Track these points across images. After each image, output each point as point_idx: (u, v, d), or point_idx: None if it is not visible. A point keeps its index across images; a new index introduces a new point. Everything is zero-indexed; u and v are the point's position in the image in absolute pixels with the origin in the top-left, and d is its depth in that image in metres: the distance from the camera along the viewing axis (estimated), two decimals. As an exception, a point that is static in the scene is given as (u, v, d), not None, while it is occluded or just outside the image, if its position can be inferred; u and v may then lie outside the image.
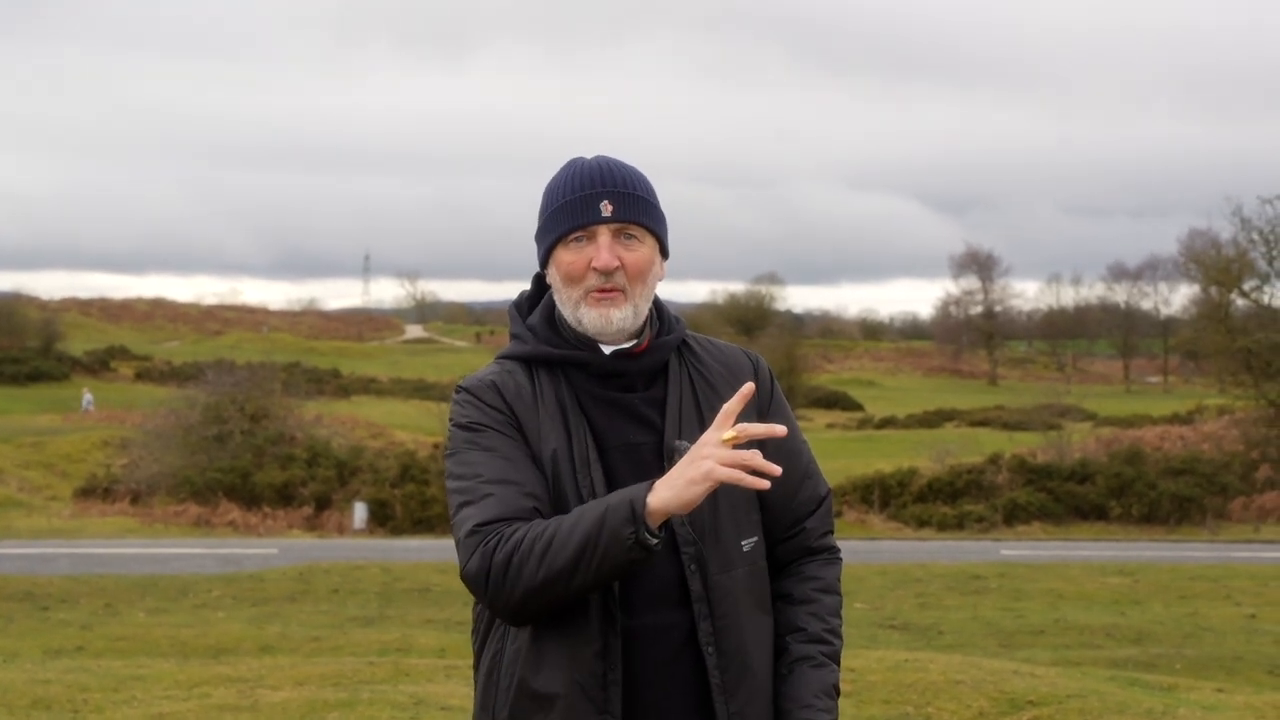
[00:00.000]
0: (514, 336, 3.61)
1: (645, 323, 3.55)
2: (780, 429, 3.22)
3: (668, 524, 3.38)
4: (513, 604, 3.31)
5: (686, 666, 3.43)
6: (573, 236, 3.48)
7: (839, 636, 3.65)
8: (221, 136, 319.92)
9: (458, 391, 3.57)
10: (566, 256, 3.49)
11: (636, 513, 3.17)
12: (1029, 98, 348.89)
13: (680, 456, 3.37)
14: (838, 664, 3.62)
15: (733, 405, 3.21)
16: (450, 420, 3.55)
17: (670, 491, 3.17)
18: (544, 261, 3.58)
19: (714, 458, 3.14)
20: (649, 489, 3.19)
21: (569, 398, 3.49)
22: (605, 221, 3.47)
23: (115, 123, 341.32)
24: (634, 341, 3.52)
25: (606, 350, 3.50)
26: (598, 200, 3.47)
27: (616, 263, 3.45)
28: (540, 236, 3.57)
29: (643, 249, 3.50)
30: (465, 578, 3.37)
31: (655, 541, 3.18)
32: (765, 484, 3.14)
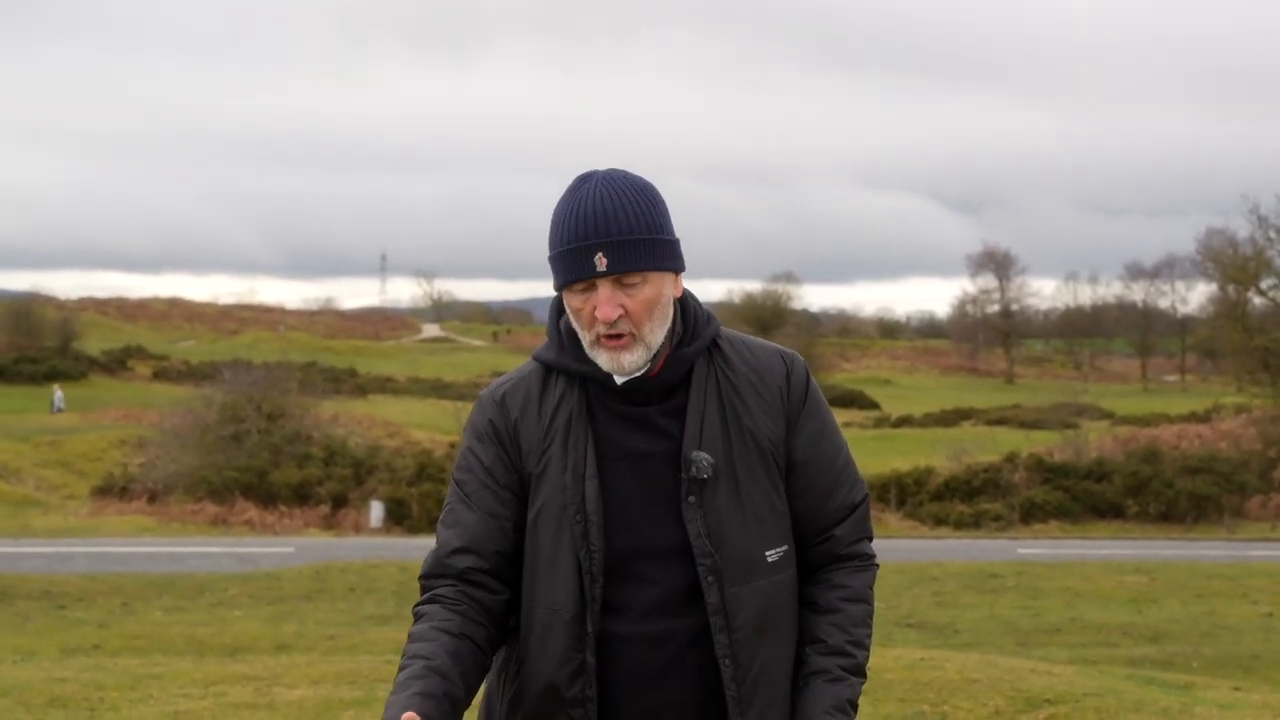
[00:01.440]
0: (549, 335, 3.60)
1: (663, 343, 3.47)
2: None
3: (683, 533, 3.40)
4: None
5: (687, 673, 3.41)
6: (575, 286, 3.41)
7: (863, 648, 3.58)
8: (233, 136, 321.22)
9: (476, 401, 3.61)
10: (573, 302, 3.43)
11: None
12: (1041, 96, 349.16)
13: (697, 468, 3.39)
14: (860, 675, 3.56)
15: None
16: (465, 426, 3.60)
17: None
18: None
19: None
20: None
21: (579, 408, 3.47)
22: (600, 276, 3.37)
23: (128, 123, 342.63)
24: (645, 369, 3.45)
25: (620, 381, 3.45)
26: (592, 254, 3.36)
27: (618, 313, 3.37)
28: (551, 269, 3.49)
29: (646, 289, 3.40)
30: None
31: None
32: None
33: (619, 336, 3.39)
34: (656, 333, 3.43)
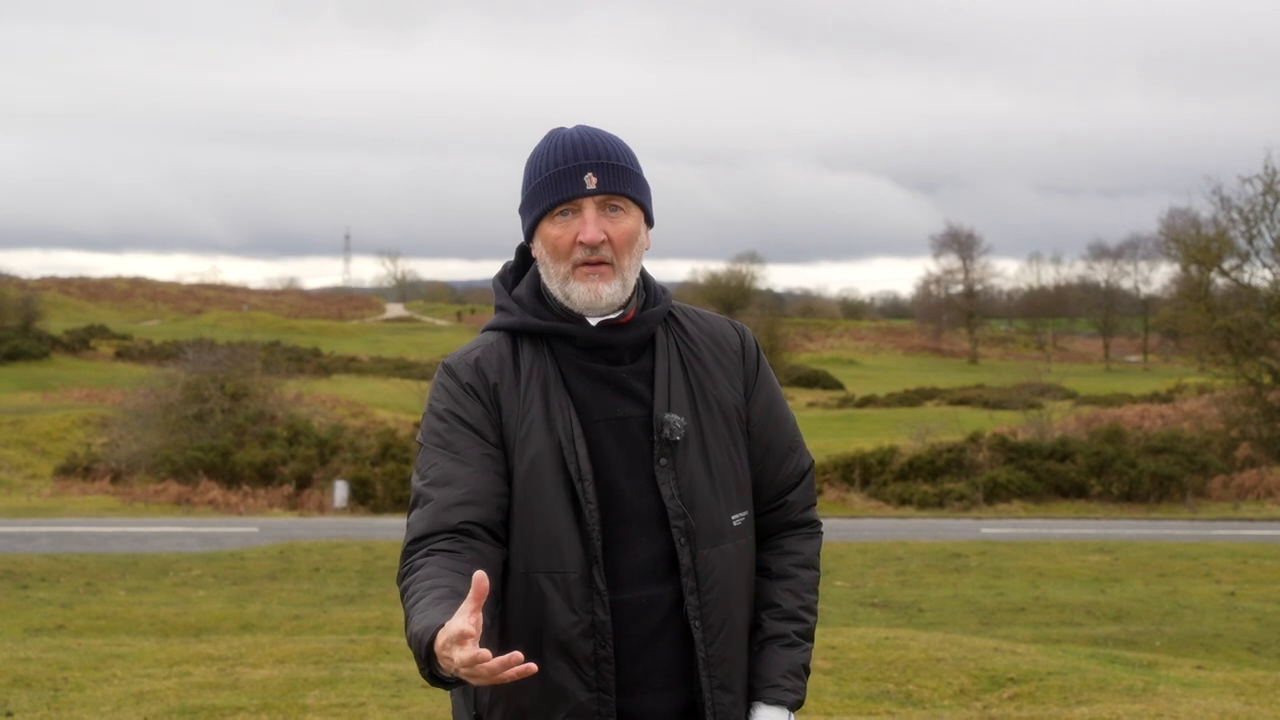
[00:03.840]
0: (500, 309, 3.60)
1: (632, 293, 3.53)
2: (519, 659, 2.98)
3: (658, 497, 3.42)
4: None
5: (670, 638, 3.45)
6: (558, 210, 3.45)
7: (814, 613, 3.65)
8: (187, 114, 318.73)
9: (441, 368, 3.57)
10: (552, 231, 3.46)
11: (420, 655, 3.11)
12: (994, 75, 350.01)
13: (670, 430, 3.42)
14: (811, 640, 3.63)
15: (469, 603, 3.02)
16: (429, 399, 3.55)
17: (446, 664, 3.03)
18: (529, 235, 3.54)
19: (463, 669, 2.98)
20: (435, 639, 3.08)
21: (552, 371, 3.48)
22: (590, 194, 3.43)
23: (82, 101, 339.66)
24: (620, 312, 3.50)
25: (593, 322, 3.49)
26: (582, 173, 3.43)
27: (603, 236, 3.43)
28: (524, 210, 3.53)
29: (628, 220, 3.48)
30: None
31: (450, 676, 3.07)
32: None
33: (599, 264, 3.44)
34: (632, 270, 3.50)
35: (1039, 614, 20.08)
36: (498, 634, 3.42)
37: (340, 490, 40.73)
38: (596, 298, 3.44)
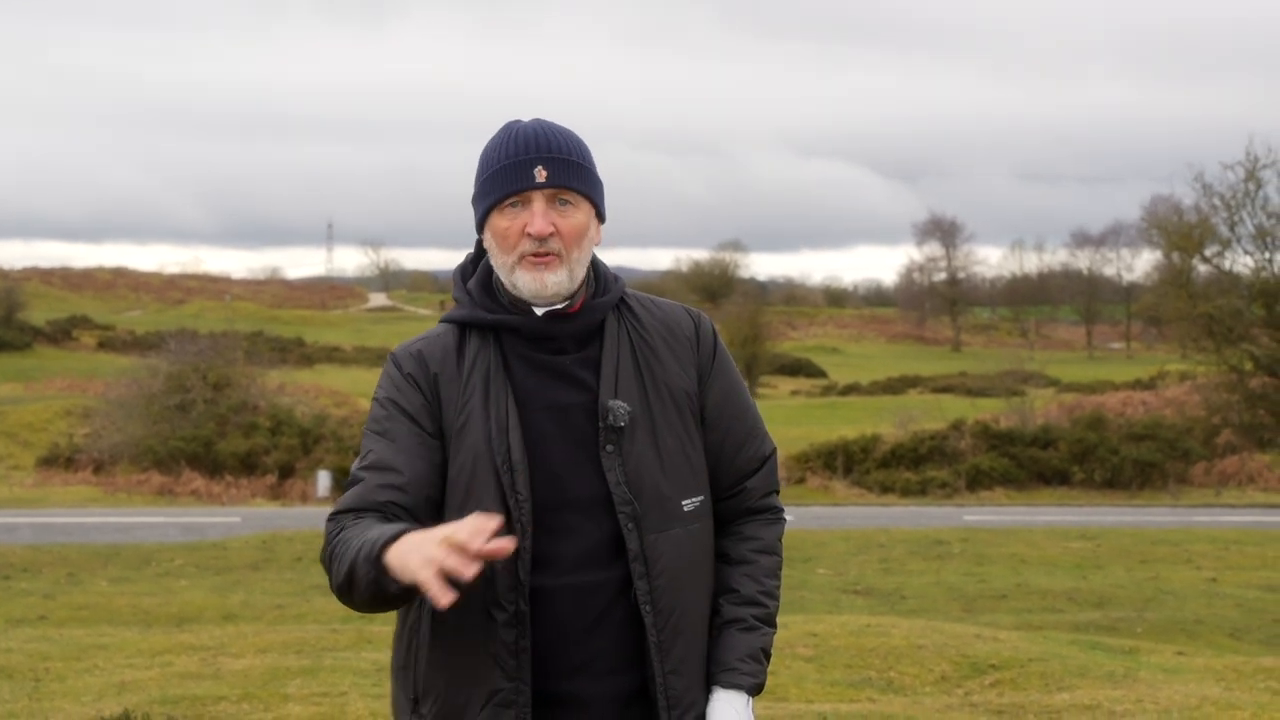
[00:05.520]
0: (456, 300, 3.65)
1: (581, 285, 3.54)
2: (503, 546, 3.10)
3: (604, 483, 3.44)
4: (336, 594, 3.40)
5: (617, 623, 3.45)
6: (507, 202, 3.48)
7: (774, 598, 3.65)
8: (164, 105, 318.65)
9: (388, 358, 3.63)
10: (501, 222, 3.49)
11: (374, 556, 3.17)
12: (970, 63, 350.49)
13: (614, 416, 3.44)
14: (771, 625, 3.63)
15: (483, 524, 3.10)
16: (376, 387, 3.62)
17: (398, 560, 3.11)
18: (480, 226, 3.58)
19: (427, 562, 3.05)
20: (395, 540, 3.15)
21: (495, 362, 3.51)
22: (539, 187, 3.46)
23: (62, 91, 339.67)
24: (567, 303, 3.52)
25: (539, 312, 3.51)
26: (532, 166, 3.46)
27: (550, 229, 3.45)
28: (476, 201, 3.57)
29: (577, 214, 3.50)
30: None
31: (395, 588, 3.13)
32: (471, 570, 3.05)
33: (545, 255, 3.46)
34: (580, 263, 3.52)
35: (1021, 601, 20.12)
36: (425, 634, 3.48)
37: (323, 480, 40.71)
38: (542, 286, 3.46)
